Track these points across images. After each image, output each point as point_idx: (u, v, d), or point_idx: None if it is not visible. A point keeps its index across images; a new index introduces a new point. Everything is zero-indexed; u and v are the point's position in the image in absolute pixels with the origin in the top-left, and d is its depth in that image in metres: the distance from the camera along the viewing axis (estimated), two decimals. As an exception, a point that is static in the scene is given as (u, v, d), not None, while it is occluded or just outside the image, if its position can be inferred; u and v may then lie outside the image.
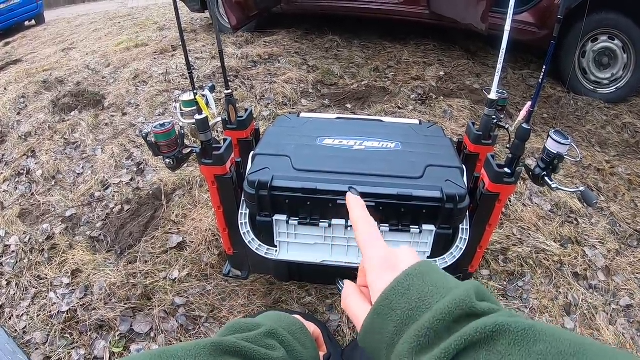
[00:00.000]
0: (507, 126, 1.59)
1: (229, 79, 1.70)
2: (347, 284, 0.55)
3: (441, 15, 4.04)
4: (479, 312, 0.40)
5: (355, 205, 0.56)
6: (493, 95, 1.53)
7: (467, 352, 0.36)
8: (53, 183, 2.97)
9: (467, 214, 1.48)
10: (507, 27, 1.37)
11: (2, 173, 3.15)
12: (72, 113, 3.85)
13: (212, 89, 1.66)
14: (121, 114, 3.76)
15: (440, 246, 1.49)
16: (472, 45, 4.80)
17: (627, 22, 3.44)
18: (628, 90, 3.67)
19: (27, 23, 9.56)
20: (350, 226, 1.47)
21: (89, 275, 2.18)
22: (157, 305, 1.99)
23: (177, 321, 1.93)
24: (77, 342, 1.89)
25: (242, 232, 1.55)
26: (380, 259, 0.49)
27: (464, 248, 1.48)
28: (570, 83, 3.79)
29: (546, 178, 1.37)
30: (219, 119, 1.71)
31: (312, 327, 0.73)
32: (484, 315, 0.40)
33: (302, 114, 1.92)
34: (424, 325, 0.39)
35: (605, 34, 3.59)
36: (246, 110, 1.80)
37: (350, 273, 0.74)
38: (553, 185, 1.36)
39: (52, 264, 2.29)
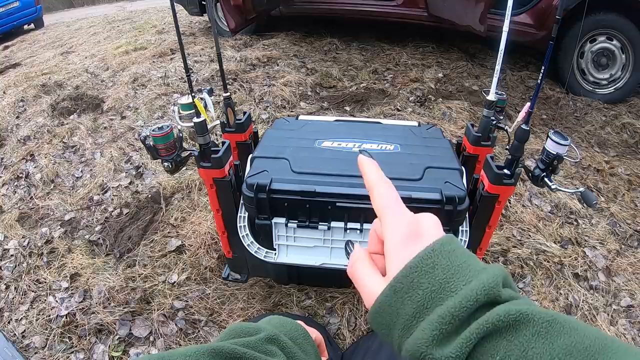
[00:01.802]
0: (506, 127, 1.59)
1: (227, 82, 1.70)
2: (357, 248, 0.50)
3: (440, 17, 4.05)
4: (502, 300, 0.38)
5: (370, 167, 0.49)
6: (492, 97, 1.53)
7: (487, 341, 0.35)
8: (52, 187, 2.97)
9: (467, 215, 1.48)
10: (506, 28, 1.37)
11: (1, 177, 3.14)
12: (71, 117, 3.84)
13: (211, 92, 1.66)
14: (120, 117, 3.76)
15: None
16: (471, 47, 4.81)
17: (625, 23, 3.45)
18: (627, 91, 3.67)
19: (26, 27, 9.57)
20: (350, 228, 1.47)
21: (88, 279, 2.18)
22: (156, 309, 1.98)
23: (176, 325, 1.92)
24: (76, 346, 1.89)
25: (241, 236, 1.55)
26: (404, 226, 0.44)
27: (463, 250, 1.47)
28: (568, 84, 3.79)
29: (546, 179, 1.37)
30: (218, 122, 1.71)
31: (314, 333, 0.72)
32: (506, 301, 0.38)
33: (301, 117, 1.92)
34: (449, 312, 0.36)
35: (603, 34, 3.59)
36: (244, 113, 1.80)
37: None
38: (553, 186, 1.36)
39: (51, 267, 2.28)
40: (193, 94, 1.43)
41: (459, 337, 0.35)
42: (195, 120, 1.43)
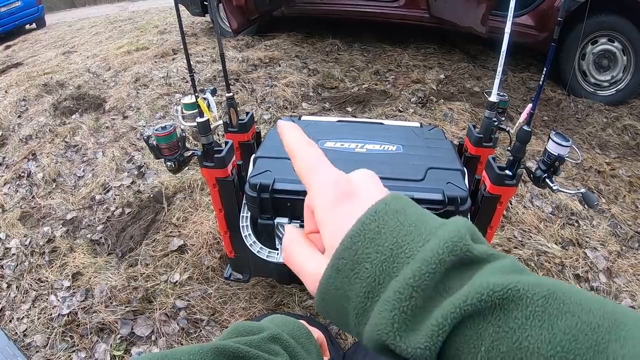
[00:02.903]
0: (507, 128, 1.59)
1: (229, 82, 1.71)
2: (289, 229, 0.42)
3: (441, 18, 4.05)
4: (475, 258, 0.31)
5: (290, 130, 0.42)
6: (494, 98, 1.53)
7: (467, 327, 0.28)
8: (54, 186, 2.97)
9: (469, 216, 1.48)
10: (508, 29, 1.37)
11: (2, 176, 3.15)
12: (73, 116, 3.85)
13: (214, 92, 1.67)
14: (122, 117, 3.77)
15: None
16: (472, 49, 4.81)
17: (626, 24, 3.45)
18: (628, 93, 3.67)
19: (28, 26, 9.59)
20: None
21: (90, 278, 2.18)
22: (158, 308, 1.99)
23: (178, 324, 1.93)
24: (77, 345, 1.89)
25: (243, 235, 1.55)
26: (331, 186, 0.36)
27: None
28: (570, 85, 3.79)
29: (547, 180, 1.38)
30: (220, 122, 1.71)
31: (317, 332, 0.73)
32: (481, 261, 0.31)
33: (304, 117, 1.92)
34: (407, 284, 0.29)
35: (604, 36, 3.60)
36: (247, 113, 1.80)
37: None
38: (554, 187, 1.36)
39: (52, 266, 2.29)
40: (196, 94, 1.44)
41: (430, 321, 0.29)
42: (199, 120, 1.43)
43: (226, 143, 1.54)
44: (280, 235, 1.55)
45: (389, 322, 0.29)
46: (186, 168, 1.86)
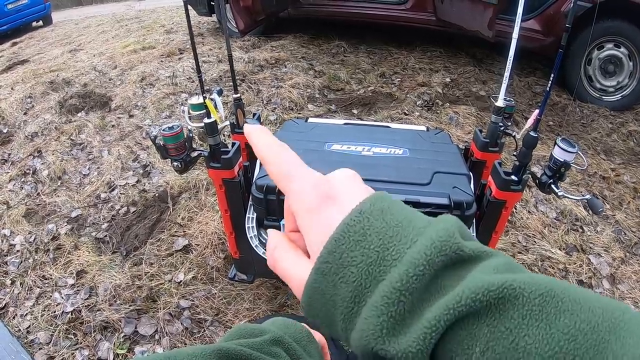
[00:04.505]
0: (513, 134, 1.59)
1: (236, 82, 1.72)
2: (272, 233, 0.40)
3: (448, 21, 4.05)
4: (466, 256, 0.30)
5: (259, 134, 0.39)
6: (500, 103, 1.53)
7: (461, 327, 0.27)
8: (59, 183, 2.99)
9: (474, 220, 1.48)
10: (515, 34, 1.37)
11: (8, 172, 3.17)
12: (79, 114, 3.87)
13: (220, 93, 1.67)
14: (128, 116, 3.78)
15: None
16: (478, 52, 4.81)
17: (633, 30, 3.45)
18: (633, 98, 3.67)
19: (34, 24, 9.62)
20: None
21: (94, 276, 2.19)
22: (162, 308, 1.99)
23: (181, 324, 1.93)
24: (81, 343, 1.90)
25: (248, 236, 1.56)
26: (310, 189, 0.34)
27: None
28: (576, 91, 3.79)
29: (553, 186, 1.38)
30: (227, 122, 1.72)
31: (318, 335, 0.73)
32: (475, 260, 0.30)
33: (310, 119, 1.93)
34: (394, 287, 0.28)
35: (611, 41, 3.59)
36: (254, 114, 1.81)
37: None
38: (559, 193, 1.36)
39: (57, 264, 2.30)
40: (204, 95, 1.44)
41: (421, 321, 0.27)
42: (206, 120, 1.44)
43: (233, 144, 1.54)
44: (264, 241, 1.55)
45: (377, 328, 0.28)
46: (191, 168, 1.87)
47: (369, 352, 0.29)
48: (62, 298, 2.11)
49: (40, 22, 9.71)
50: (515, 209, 2.52)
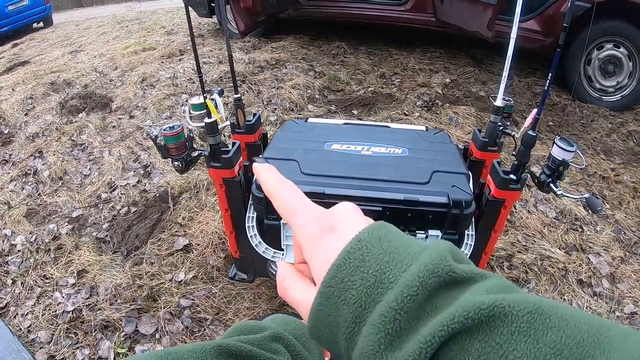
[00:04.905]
0: (512, 133, 1.60)
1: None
2: (281, 264, 0.44)
3: (447, 22, 4.06)
4: (459, 278, 0.32)
5: (267, 172, 0.44)
6: (499, 102, 1.54)
7: (455, 342, 0.29)
8: (60, 184, 2.99)
9: (473, 219, 1.49)
10: (513, 35, 1.38)
11: (9, 173, 3.18)
12: (80, 115, 3.87)
13: (221, 93, 1.68)
14: (128, 116, 3.79)
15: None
16: (478, 53, 4.81)
17: (632, 30, 3.45)
18: (633, 98, 3.67)
19: (35, 25, 9.64)
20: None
21: (95, 276, 2.20)
22: (162, 307, 2.00)
23: (182, 323, 1.94)
24: (81, 342, 1.91)
25: (249, 235, 1.56)
26: (314, 222, 0.38)
27: (469, 254, 1.48)
28: (575, 91, 3.79)
29: (551, 185, 1.38)
30: (228, 122, 1.72)
31: None
32: (468, 281, 0.32)
33: (310, 119, 1.93)
34: (390, 307, 0.30)
35: (610, 41, 3.60)
36: (254, 114, 1.82)
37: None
38: (558, 192, 1.37)
39: (57, 263, 2.31)
40: (205, 95, 1.45)
41: (417, 336, 0.29)
42: (207, 120, 1.45)
43: (233, 144, 1.55)
44: (273, 272, 1.56)
45: (375, 345, 0.30)
46: (192, 168, 1.87)
47: None
48: (63, 297, 2.12)
49: (41, 24, 9.73)
50: (515, 208, 2.53)
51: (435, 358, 0.29)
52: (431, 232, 1.43)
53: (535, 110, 1.35)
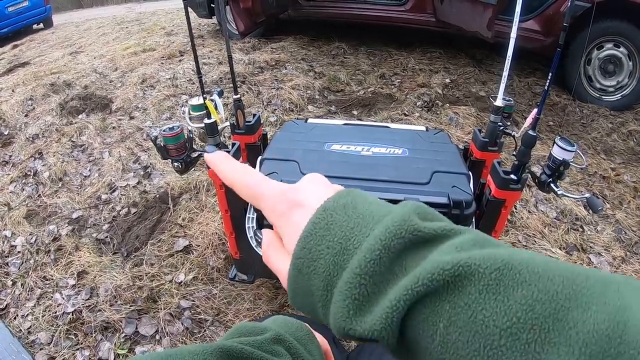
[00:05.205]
0: (513, 133, 1.60)
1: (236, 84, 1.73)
2: (266, 233, 0.43)
3: (447, 22, 4.06)
4: (427, 237, 0.31)
5: (220, 160, 0.43)
6: (499, 102, 1.54)
7: (424, 305, 0.28)
8: (60, 185, 2.99)
9: (473, 220, 1.48)
10: (513, 34, 1.38)
11: (9, 174, 3.17)
12: (80, 116, 3.87)
13: (221, 94, 1.68)
14: (128, 117, 3.79)
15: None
16: (478, 53, 4.81)
17: (632, 30, 3.45)
18: (633, 98, 3.67)
19: (35, 26, 9.64)
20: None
21: (95, 277, 2.20)
22: (162, 308, 2.00)
23: (182, 324, 1.94)
24: (82, 343, 1.90)
25: (249, 236, 1.56)
26: (279, 199, 0.38)
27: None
28: (575, 90, 3.79)
29: (552, 185, 1.38)
30: (227, 123, 1.72)
31: (320, 336, 0.73)
32: (440, 239, 0.31)
33: (310, 120, 1.93)
34: (355, 272, 0.30)
35: (610, 41, 3.60)
36: (254, 115, 1.81)
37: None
38: (559, 192, 1.37)
39: (57, 265, 2.30)
40: (204, 96, 1.45)
41: (383, 301, 0.29)
42: (206, 121, 1.45)
43: (233, 144, 1.55)
44: (259, 240, 1.56)
45: (344, 311, 0.30)
46: (192, 169, 1.87)
47: (343, 333, 0.31)
48: (63, 299, 2.12)
49: (41, 25, 9.74)
50: (515, 208, 2.53)
51: (408, 321, 0.29)
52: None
53: (535, 110, 1.35)
